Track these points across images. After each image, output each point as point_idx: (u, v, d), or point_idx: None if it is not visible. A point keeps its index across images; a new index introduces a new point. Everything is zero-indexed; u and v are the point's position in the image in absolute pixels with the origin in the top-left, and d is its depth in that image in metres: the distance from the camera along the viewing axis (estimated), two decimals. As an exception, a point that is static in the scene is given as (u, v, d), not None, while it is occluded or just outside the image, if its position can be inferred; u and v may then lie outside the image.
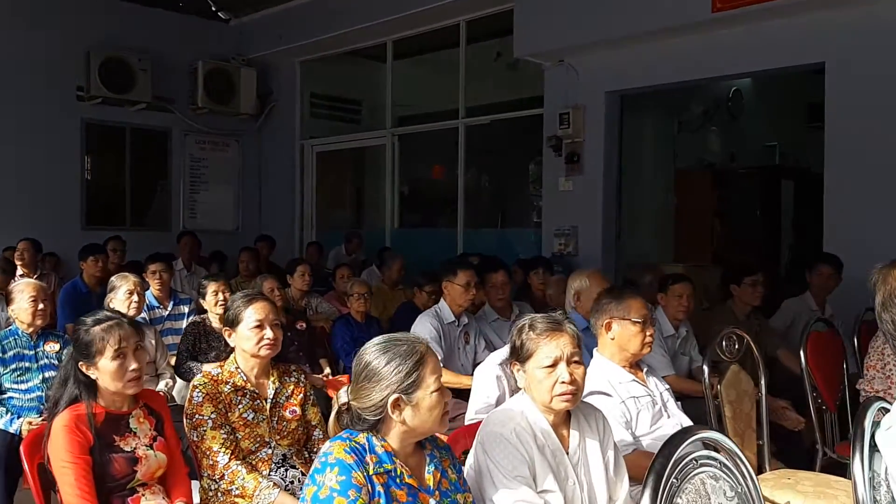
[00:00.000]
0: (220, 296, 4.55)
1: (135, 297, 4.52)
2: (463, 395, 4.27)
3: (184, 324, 5.33)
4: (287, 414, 2.87)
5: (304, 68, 9.80)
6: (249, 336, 2.86)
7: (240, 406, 2.79)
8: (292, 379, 2.98)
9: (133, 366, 2.48)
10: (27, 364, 3.87)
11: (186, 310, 5.40)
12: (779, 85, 9.33)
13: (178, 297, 5.49)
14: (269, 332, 2.87)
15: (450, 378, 4.20)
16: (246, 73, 9.45)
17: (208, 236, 8.65)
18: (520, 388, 2.30)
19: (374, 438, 1.93)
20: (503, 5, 7.44)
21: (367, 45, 8.98)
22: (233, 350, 2.94)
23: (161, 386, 4.44)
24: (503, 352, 3.38)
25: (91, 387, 2.48)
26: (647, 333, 2.81)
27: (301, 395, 2.95)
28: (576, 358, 2.22)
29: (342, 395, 2.00)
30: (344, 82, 10.12)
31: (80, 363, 2.47)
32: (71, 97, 8.46)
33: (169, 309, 5.40)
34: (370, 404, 1.92)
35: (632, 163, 7.29)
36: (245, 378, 2.86)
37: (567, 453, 2.24)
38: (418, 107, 9.26)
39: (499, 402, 3.31)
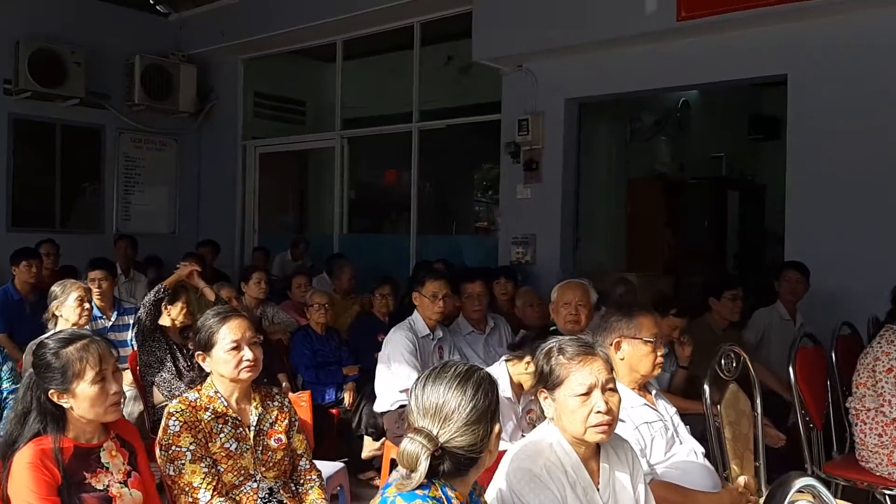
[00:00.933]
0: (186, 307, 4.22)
1: (86, 305, 4.20)
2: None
3: (128, 335, 4.99)
4: (272, 442, 2.62)
5: (247, 66, 9.43)
6: (226, 359, 2.59)
7: (221, 435, 2.52)
8: (275, 403, 2.72)
9: (114, 388, 2.20)
10: (-39, 383, 3.50)
11: (131, 320, 5.03)
12: (723, 98, 9.48)
13: (122, 306, 5.13)
14: (247, 353, 2.60)
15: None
16: (185, 69, 9.02)
17: (143, 240, 8.18)
18: (544, 418, 2.11)
19: (447, 489, 1.69)
20: (459, 8, 7.30)
21: (316, 44, 8.69)
22: (208, 374, 2.67)
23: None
24: (493, 370, 3.20)
25: (60, 418, 2.18)
26: (658, 353, 2.66)
27: (286, 420, 2.70)
28: (611, 385, 2.05)
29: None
30: (289, 82, 9.79)
31: (51, 392, 2.16)
32: (-4, 91, 7.92)
33: (112, 319, 5.04)
34: (477, 440, 1.69)
35: (587, 171, 7.22)
36: (226, 403, 2.59)
37: (598, 489, 2.06)
38: (368, 109, 9.01)
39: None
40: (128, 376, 4.47)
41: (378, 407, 4.17)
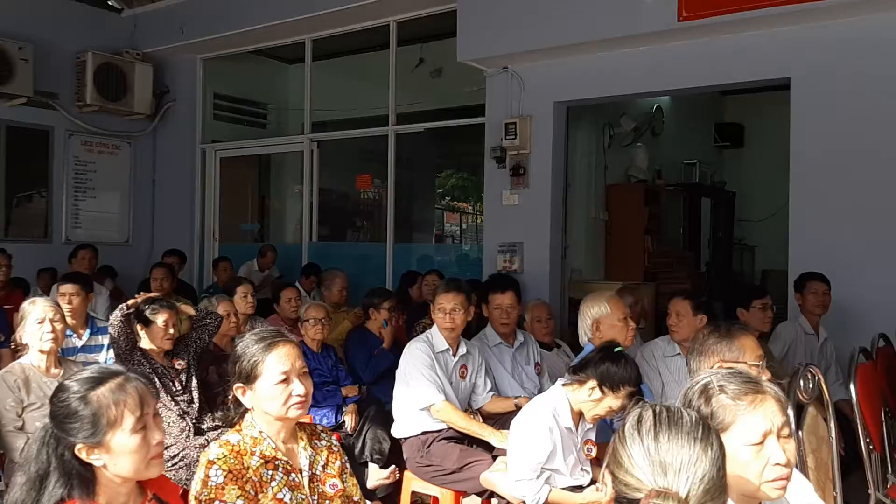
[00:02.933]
0: (171, 329, 3.79)
1: (47, 327, 3.57)
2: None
3: (102, 357, 4.53)
4: (328, 489, 2.26)
5: (206, 66, 8.94)
6: (273, 395, 2.20)
7: (273, 484, 2.15)
8: (324, 443, 2.36)
9: (157, 437, 1.80)
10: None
11: (105, 341, 4.56)
12: (691, 104, 9.44)
13: (95, 324, 4.64)
14: (297, 387, 2.22)
15: (461, 423, 3.65)
16: (141, 68, 8.48)
17: (94, 249, 7.65)
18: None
19: None
20: (439, 6, 7.01)
21: (283, 43, 8.27)
22: (246, 410, 2.29)
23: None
24: (551, 398, 2.90)
25: (90, 480, 1.75)
26: (764, 379, 2.39)
27: (338, 462, 2.34)
28: (786, 430, 1.72)
29: None
30: (252, 83, 9.33)
31: (78, 447, 1.74)
32: (-65, 88, 7.30)
33: (84, 339, 4.56)
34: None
35: (572, 176, 7.01)
36: (274, 445, 2.22)
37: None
38: (339, 112, 8.62)
39: (550, 458, 2.83)
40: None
41: (398, 432, 3.81)
